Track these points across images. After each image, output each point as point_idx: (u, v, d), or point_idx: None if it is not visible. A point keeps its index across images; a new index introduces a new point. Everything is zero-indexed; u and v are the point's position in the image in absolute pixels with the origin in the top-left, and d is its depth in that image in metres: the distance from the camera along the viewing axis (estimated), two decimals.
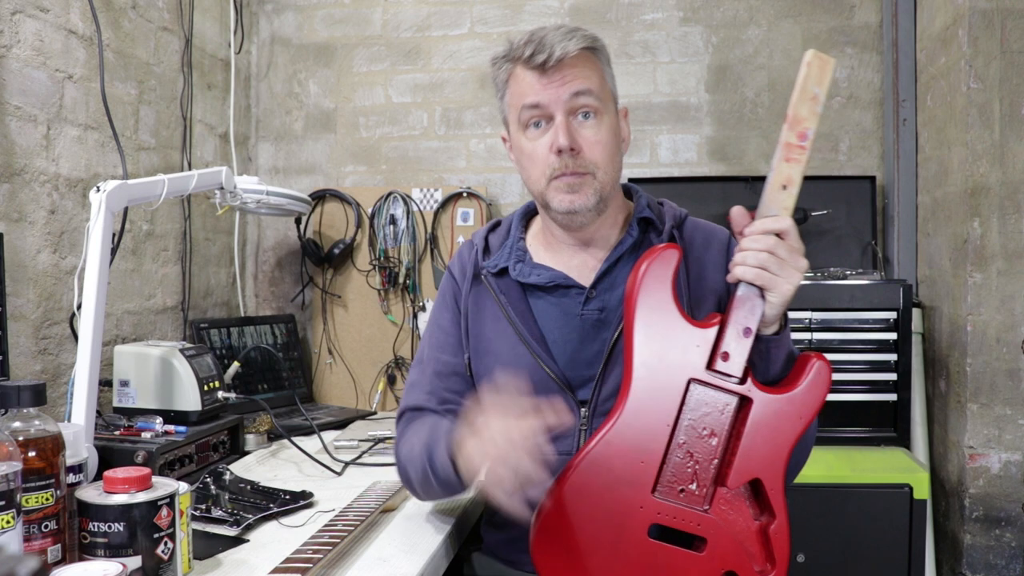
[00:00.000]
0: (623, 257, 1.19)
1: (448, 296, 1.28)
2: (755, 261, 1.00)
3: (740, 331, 1.02)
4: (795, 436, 1.02)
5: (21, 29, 1.58)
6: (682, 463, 1.01)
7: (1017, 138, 1.90)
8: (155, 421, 1.47)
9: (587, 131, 1.14)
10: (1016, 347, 1.90)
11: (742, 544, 1.01)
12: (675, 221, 1.22)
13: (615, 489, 1.00)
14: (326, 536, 1.08)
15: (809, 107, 1.02)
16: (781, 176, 1.02)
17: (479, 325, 1.23)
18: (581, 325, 1.18)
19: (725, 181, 2.39)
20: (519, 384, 1.02)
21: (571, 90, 1.13)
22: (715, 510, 1.01)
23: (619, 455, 1.00)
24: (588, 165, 1.14)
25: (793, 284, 1.00)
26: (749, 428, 1.01)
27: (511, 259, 1.22)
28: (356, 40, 2.61)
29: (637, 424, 1.01)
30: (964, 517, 1.94)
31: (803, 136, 1.01)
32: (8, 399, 0.96)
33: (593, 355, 1.16)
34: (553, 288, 1.20)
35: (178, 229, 2.18)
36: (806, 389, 1.03)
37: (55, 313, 1.67)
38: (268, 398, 2.10)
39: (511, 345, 1.19)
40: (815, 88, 1.02)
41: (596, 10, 2.51)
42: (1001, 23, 1.89)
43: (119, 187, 1.37)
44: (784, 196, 1.02)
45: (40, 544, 0.93)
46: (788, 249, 1.00)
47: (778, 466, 1.02)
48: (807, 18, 2.43)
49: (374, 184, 2.58)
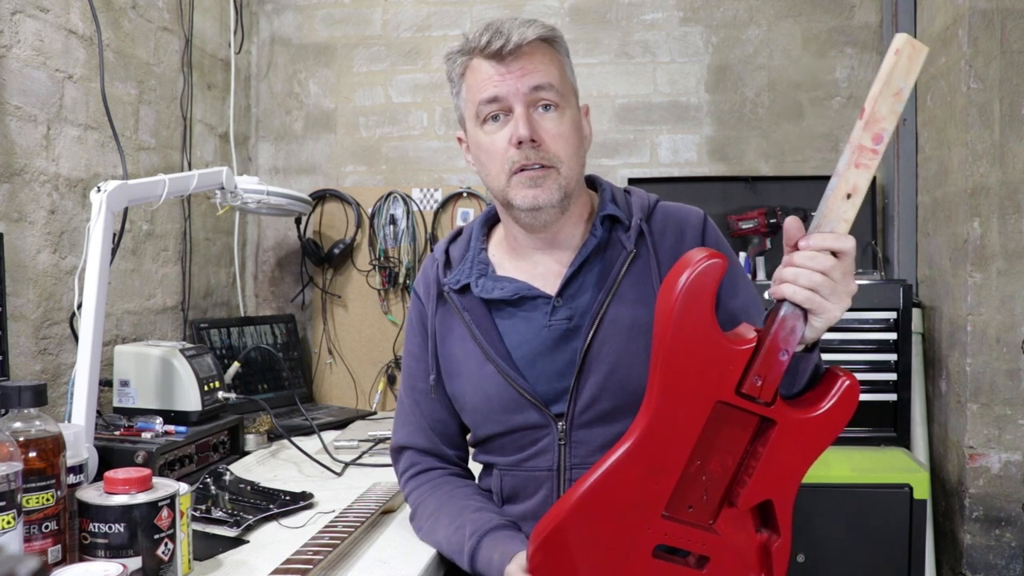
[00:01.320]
0: (589, 259, 1.13)
1: (415, 320, 1.25)
2: (807, 282, 0.89)
3: (775, 353, 0.92)
4: (815, 456, 0.97)
5: (21, 29, 1.58)
6: (694, 481, 0.95)
7: (1017, 138, 1.90)
8: (155, 421, 1.47)
9: (548, 123, 1.09)
10: (1016, 347, 1.90)
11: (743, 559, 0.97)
12: (643, 213, 1.15)
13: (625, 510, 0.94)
14: (326, 537, 1.08)
15: (891, 104, 0.86)
16: (848, 183, 0.88)
17: (448, 345, 1.19)
18: (550, 336, 1.12)
19: (725, 181, 2.39)
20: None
21: (530, 83, 1.08)
22: (720, 525, 0.96)
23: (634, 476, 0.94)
24: (550, 158, 1.08)
25: (842, 310, 0.91)
26: (769, 450, 0.94)
27: (472, 274, 1.16)
28: (356, 40, 2.61)
29: (656, 446, 0.94)
30: (964, 517, 1.94)
31: (879, 139, 0.87)
32: (8, 399, 0.96)
33: (564, 366, 1.11)
34: (518, 301, 1.14)
35: (178, 229, 2.18)
36: (832, 410, 0.95)
37: (55, 313, 1.67)
38: (268, 398, 2.10)
39: (478, 365, 1.14)
40: (901, 82, 0.85)
41: (596, 10, 2.51)
42: (1001, 23, 1.89)
43: (119, 187, 1.37)
44: (847, 207, 0.89)
45: (40, 544, 0.93)
46: (843, 272, 0.89)
47: (791, 488, 0.96)
48: (807, 18, 2.43)
49: (374, 184, 2.58)
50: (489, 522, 1.09)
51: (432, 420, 1.23)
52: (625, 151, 2.47)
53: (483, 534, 1.07)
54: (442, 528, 1.13)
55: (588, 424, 1.10)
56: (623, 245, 1.13)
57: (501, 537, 1.06)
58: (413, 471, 1.24)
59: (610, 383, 1.08)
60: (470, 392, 1.16)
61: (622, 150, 2.47)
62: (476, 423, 1.18)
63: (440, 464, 1.24)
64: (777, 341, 0.91)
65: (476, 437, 1.21)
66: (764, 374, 0.91)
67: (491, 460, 1.19)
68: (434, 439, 1.23)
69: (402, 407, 1.26)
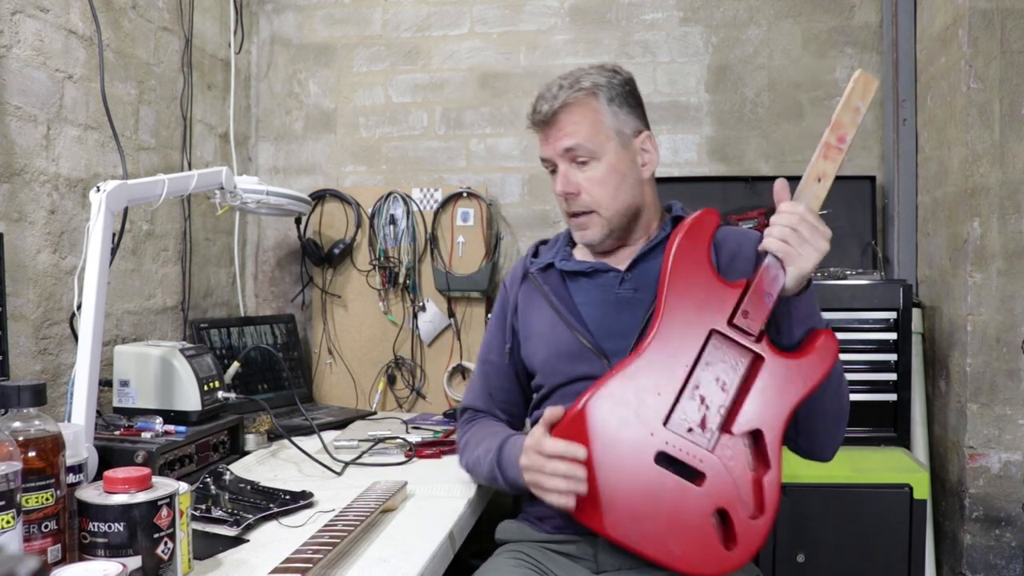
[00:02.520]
0: (657, 247, 1.33)
1: (499, 305, 1.48)
2: (778, 235, 1.13)
3: (761, 295, 1.13)
4: (798, 398, 1.13)
5: (21, 29, 1.58)
6: (694, 405, 1.13)
7: (1017, 138, 1.90)
8: (155, 421, 1.47)
9: (583, 176, 1.30)
10: (1016, 347, 1.90)
11: (737, 487, 1.11)
12: None
13: (631, 415, 1.12)
14: (326, 536, 1.08)
15: (850, 116, 1.16)
16: (817, 170, 1.16)
17: (527, 315, 1.40)
18: (616, 302, 1.31)
19: (725, 181, 2.39)
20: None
21: (562, 146, 1.30)
22: (717, 452, 1.12)
23: (639, 385, 1.13)
24: (588, 204, 1.31)
25: (810, 262, 1.12)
26: (757, 383, 1.13)
27: (557, 256, 1.39)
28: (356, 40, 2.61)
29: (659, 361, 1.13)
30: (964, 517, 1.94)
31: (842, 140, 1.16)
32: (8, 399, 0.96)
33: (627, 327, 1.27)
34: (592, 273, 1.35)
35: (178, 229, 2.18)
36: (812, 358, 1.14)
37: (55, 313, 1.67)
38: (268, 398, 2.10)
39: (552, 324, 1.34)
40: (858, 102, 1.16)
41: (596, 10, 2.51)
42: (1001, 23, 1.89)
43: (119, 187, 1.37)
44: (817, 187, 1.16)
45: (40, 544, 0.93)
46: (810, 229, 1.12)
47: (779, 422, 1.13)
48: (807, 18, 2.43)
49: (374, 184, 2.58)
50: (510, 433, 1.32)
51: (494, 388, 1.46)
52: None
53: (504, 439, 1.30)
54: (480, 448, 1.36)
55: None
56: None
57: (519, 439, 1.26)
58: (465, 420, 1.49)
59: None
60: (542, 348, 1.35)
61: None
62: (544, 376, 1.36)
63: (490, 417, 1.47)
64: (762, 284, 1.14)
65: (542, 394, 1.38)
66: (752, 311, 1.14)
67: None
68: (491, 404, 1.46)
69: (473, 378, 1.52)
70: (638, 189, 1.33)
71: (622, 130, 1.31)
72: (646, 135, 1.34)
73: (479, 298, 2.40)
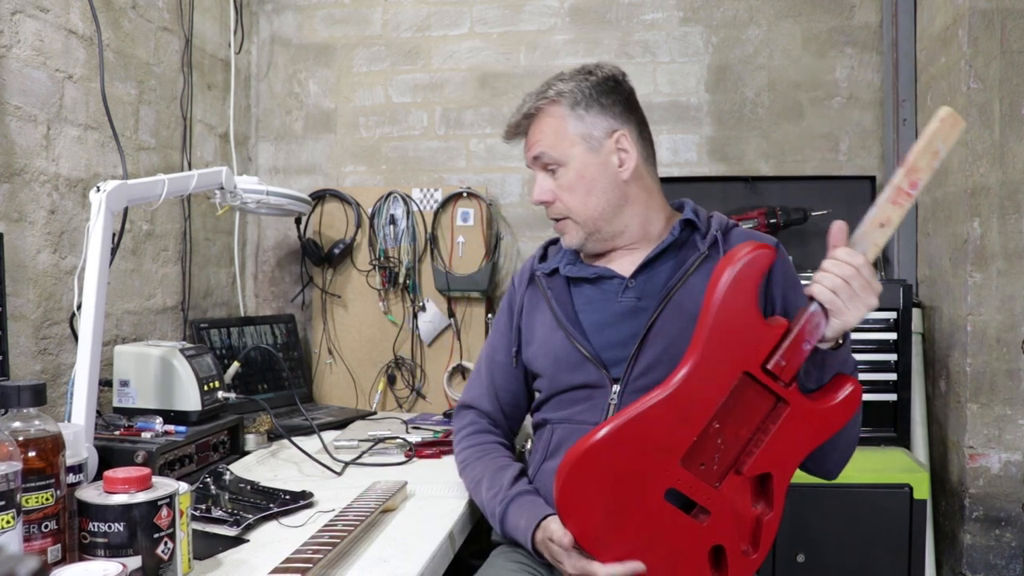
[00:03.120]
0: (664, 253, 1.29)
1: (505, 304, 1.46)
2: (830, 284, 1.07)
3: (800, 342, 1.08)
4: (813, 445, 1.11)
5: (21, 29, 1.58)
6: (711, 441, 1.08)
7: (1017, 138, 1.90)
8: (155, 421, 1.47)
9: (555, 183, 1.30)
10: (1016, 347, 1.90)
11: (738, 526, 1.09)
12: (721, 227, 1.31)
13: (650, 449, 1.07)
14: (326, 536, 1.08)
15: (929, 160, 1.06)
16: (883, 215, 1.08)
17: (531, 319, 1.39)
18: (619, 310, 1.28)
19: (725, 181, 2.39)
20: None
21: (530, 156, 1.32)
22: (724, 490, 1.09)
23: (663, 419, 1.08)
24: (562, 211, 1.31)
25: (857, 317, 1.07)
26: (778, 428, 1.09)
27: (563, 261, 1.36)
28: (356, 40, 2.61)
29: (688, 396, 1.07)
30: (964, 517, 1.94)
31: (914, 185, 1.07)
32: (8, 399, 0.96)
33: (628, 337, 1.25)
34: (596, 280, 1.32)
35: (178, 229, 2.18)
36: (836, 407, 1.11)
37: (55, 313, 1.67)
38: (268, 398, 2.10)
39: (551, 330, 1.32)
40: (940, 144, 1.06)
41: (596, 10, 2.51)
42: (1001, 23, 1.89)
43: (119, 187, 1.37)
44: (878, 234, 1.08)
45: (40, 544, 0.93)
46: (863, 284, 1.06)
47: (790, 468, 1.11)
48: (807, 18, 2.43)
49: (374, 184, 2.58)
50: (518, 489, 1.26)
51: (499, 388, 1.43)
52: None
53: (511, 499, 1.24)
54: (484, 490, 1.31)
55: (640, 390, 1.19)
56: (697, 247, 1.29)
57: (526, 503, 1.23)
58: (471, 429, 1.44)
59: (665, 355, 1.21)
60: (542, 355, 1.34)
61: None
62: (546, 382, 1.34)
63: (493, 429, 1.44)
64: (803, 332, 1.08)
65: (542, 397, 1.36)
66: (788, 358, 1.08)
67: (547, 416, 1.34)
68: (496, 405, 1.44)
69: (478, 373, 1.48)
70: (615, 191, 1.29)
71: (590, 134, 1.28)
72: (620, 134, 1.29)
73: (479, 298, 2.40)
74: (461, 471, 1.41)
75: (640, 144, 1.31)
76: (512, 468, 1.32)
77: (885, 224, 1.07)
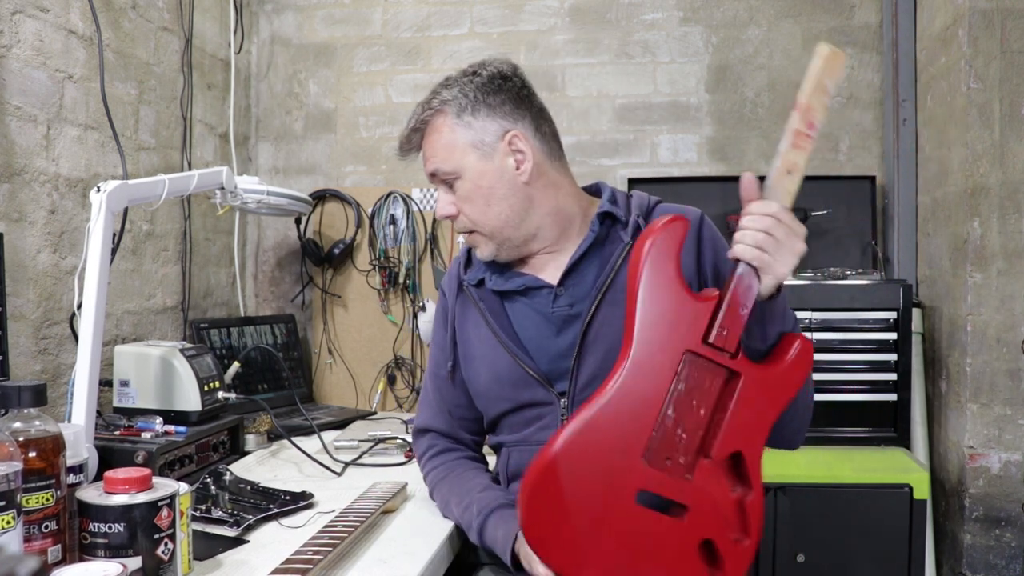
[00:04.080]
0: (588, 253, 1.22)
1: (440, 313, 1.38)
2: (752, 241, 1.02)
3: (736, 308, 1.04)
4: (777, 412, 1.06)
5: (21, 29, 1.58)
6: (670, 432, 1.03)
7: (1017, 138, 1.90)
8: (155, 421, 1.47)
9: (455, 197, 1.23)
10: (1016, 347, 1.90)
11: (721, 514, 1.04)
12: (641, 211, 1.23)
13: (607, 454, 1.02)
14: (326, 537, 1.08)
15: (819, 98, 1.05)
16: (787, 162, 1.04)
17: (465, 333, 1.30)
18: (553, 321, 1.22)
19: (725, 181, 2.39)
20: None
21: (427, 172, 1.25)
22: (697, 480, 1.03)
23: (613, 421, 1.02)
24: (467, 224, 1.24)
25: (787, 267, 1.02)
26: (736, 402, 1.04)
27: (488, 271, 1.28)
28: (356, 40, 2.61)
29: (633, 391, 1.02)
30: (964, 517, 1.94)
31: (811, 125, 1.04)
32: (8, 399, 0.96)
33: (567, 348, 1.20)
34: (526, 291, 1.25)
35: (178, 229, 2.18)
36: (789, 366, 1.07)
37: (55, 313, 1.67)
38: (268, 398, 2.10)
39: (491, 347, 1.25)
40: (827, 80, 1.05)
41: (596, 10, 2.51)
42: (1001, 23, 1.89)
43: (119, 187, 1.37)
44: (788, 181, 1.04)
45: (40, 544, 0.93)
46: (785, 231, 1.01)
47: (759, 440, 1.05)
48: (807, 18, 2.43)
49: (374, 184, 2.58)
50: (494, 501, 1.19)
51: (451, 405, 1.35)
52: (625, 151, 2.47)
53: (488, 512, 1.17)
54: (454, 507, 1.25)
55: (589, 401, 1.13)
56: (621, 239, 1.22)
57: (504, 515, 1.16)
58: (432, 452, 1.37)
59: (607, 362, 1.13)
60: (483, 373, 1.27)
61: (622, 150, 2.47)
62: (488, 403, 1.28)
63: (455, 446, 1.36)
64: (736, 296, 1.03)
65: (488, 419, 1.31)
66: (727, 327, 1.03)
67: (501, 440, 1.29)
68: (451, 423, 1.36)
69: (425, 392, 1.40)
70: (517, 196, 1.20)
71: (481, 139, 1.19)
72: (512, 134, 1.19)
73: None
74: (432, 496, 1.34)
75: (538, 139, 1.22)
76: (479, 478, 1.27)
77: (792, 170, 1.04)
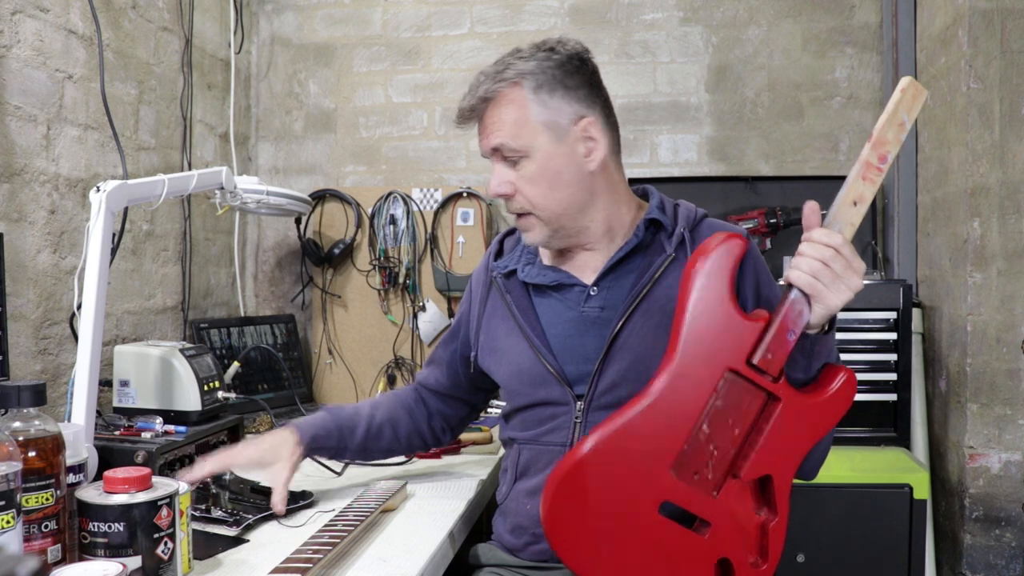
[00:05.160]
0: (628, 257, 1.19)
1: (466, 296, 1.38)
2: (808, 269, 1.00)
3: (784, 332, 1.02)
4: (812, 441, 1.05)
5: (21, 29, 1.58)
6: (702, 447, 1.02)
7: (1017, 138, 1.90)
8: (155, 421, 1.47)
9: (516, 175, 1.17)
10: (1016, 347, 1.90)
11: (742, 536, 1.03)
12: (688, 223, 1.21)
13: (637, 460, 1.01)
14: (326, 536, 1.08)
15: (895, 132, 1.02)
16: (854, 192, 1.03)
17: (491, 323, 1.29)
18: (582, 321, 1.19)
19: (725, 181, 2.39)
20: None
21: (488, 145, 1.18)
22: (723, 498, 1.02)
23: (647, 428, 1.01)
24: (524, 205, 1.19)
25: (841, 300, 1.00)
26: (772, 426, 1.03)
27: (520, 261, 1.27)
28: (356, 40, 2.61)
29: (671, 402, 1.02)
30: (964, 517, 1.94)
31: (883, 159, 1.02)
32: (8, 399, 0.96)
33: (592, 350, 1.17)
34: (557, 287, 1.22)
35: (178, 229, 2.18)
36: (831, 399, 1.05)
37: (55, 313, 1.67)
38: (268, 398, 2.10)
39: (515, 341, 1.23)
40: (904, 115, 1.02)
41: (596, 10, 2.51)
42: (1001, 23, 1.89)
43: (119, 187, 1.37)
44: (852, 212, 1.03)
45: (40, 544, 0.93)
46: (844, 265, 0.99)
47: (791, 467, 1.04)
48: (807, 18, 2.43)
49: (374, 184, 2.58)
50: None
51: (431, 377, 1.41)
52: (625, 151, 2.44)
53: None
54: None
55: (605, 407, 1.13)
56: (664, 248, 1.19)
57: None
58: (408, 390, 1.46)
59: (632, 371, 1.13)
60: (504, 365, 1.25)
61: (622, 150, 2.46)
62: (508, 395, 1.27)
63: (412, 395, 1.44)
64: (786, 321, 1.02)
65: (506, 410, 1.30)
66: (773, 350, 1.02)
67: (513, 435, 1.27)
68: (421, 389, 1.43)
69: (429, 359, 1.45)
70: (582, 184, 1.17)
71: (555, 121, 1.15)
72: (588, 121, 1.16)
73: None
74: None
75: (608, 132, 1.20)
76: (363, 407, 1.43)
77: (859, 202, 1.02)
